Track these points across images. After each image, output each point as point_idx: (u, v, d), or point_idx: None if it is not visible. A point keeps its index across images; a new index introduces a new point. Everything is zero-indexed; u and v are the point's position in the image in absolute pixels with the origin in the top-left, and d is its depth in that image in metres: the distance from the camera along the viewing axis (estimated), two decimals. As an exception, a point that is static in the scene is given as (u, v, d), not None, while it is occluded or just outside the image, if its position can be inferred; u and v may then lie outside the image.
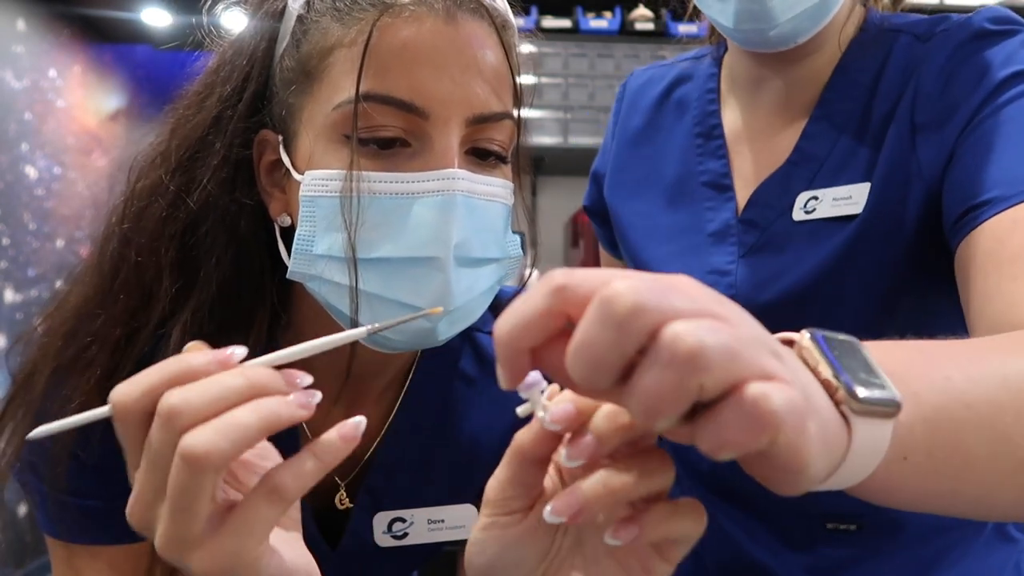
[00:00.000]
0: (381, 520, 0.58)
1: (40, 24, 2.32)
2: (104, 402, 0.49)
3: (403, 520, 0.58)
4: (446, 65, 0.46)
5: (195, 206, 0.50)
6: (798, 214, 0.66)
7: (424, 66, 0.45)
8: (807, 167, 0.67)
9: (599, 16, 2.14)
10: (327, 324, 0.51)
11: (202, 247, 0.50)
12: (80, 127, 2.56)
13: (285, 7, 0.51)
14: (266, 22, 0.51)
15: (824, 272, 0.64)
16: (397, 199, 0.45)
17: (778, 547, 0.70)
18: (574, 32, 2.13)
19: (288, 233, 0.49)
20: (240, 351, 0.35)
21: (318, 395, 0.35)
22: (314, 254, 0.47)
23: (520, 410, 0.34)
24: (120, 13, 2.47)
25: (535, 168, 2.25)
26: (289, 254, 0.49)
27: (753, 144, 0.72)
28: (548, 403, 0.33)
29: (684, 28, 2.11)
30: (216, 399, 0.32)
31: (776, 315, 0.56)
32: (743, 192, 0.71)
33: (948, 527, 0.68)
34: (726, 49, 0.77)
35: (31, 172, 2.26)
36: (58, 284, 0.57)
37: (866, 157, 0.65)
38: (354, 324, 0.47)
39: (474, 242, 0.47)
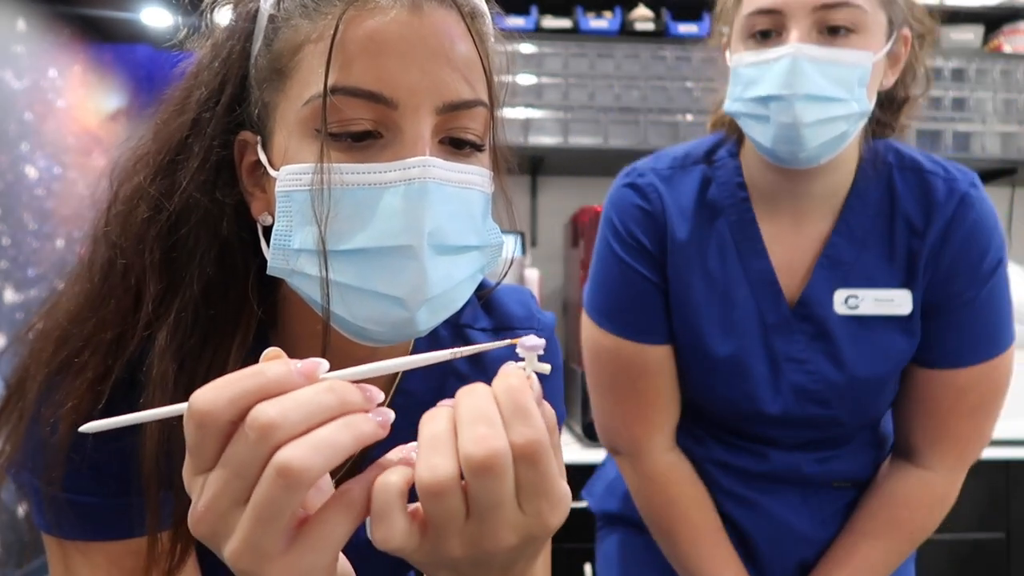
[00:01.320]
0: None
1: (40, 24, 2.32)
2: (96, 404, 0.50)
3: None
4: (413, 54, 0.46)
5: (176, 208, 0.50)
6: (840, 308, 0.87)
7: (390, 56, 0.45)
8: (837, 270, 0.87)
9: (599, 16, 2.14)
10: (315, 320, 0.51)
11: (184, 248, 0.50)
12: (80, 127, 2.56)
13: (258, 8, 0.51)
14: (240, 23, 0.52)
15: (898, 357, 0.88)
16: (369, 189, 0.46)
17: (802, 508, 0.95)
18: (574, 32, 2.12)
19: (271, 232, 0.49)
20: (325, 364, 0.35)
21: (392, 413, 0.36)
22: (291, 249, 0.47)
23: (517, 365, 0.38)
24: (120, 13, 2.47)
25: (535, 168, 2.25)
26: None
27: (779, 245, 0.90)
28: (540, 364, 0.37)
29: (684, 28, 2.11)
30: (311, 415, 0.33)
31: (859, 392, 0.88)
32: (785, 286, 0.90)
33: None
34: (738, 148, 0.94)
35: (31, 172, 2.26)
36: (60, 285, 0.57)
37: (897, 267, 0.87)
38: (327, 316, 0.48)
39: (449, 229, 0.47)
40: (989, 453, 1.75)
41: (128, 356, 0.51)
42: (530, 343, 0.37)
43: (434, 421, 0.36)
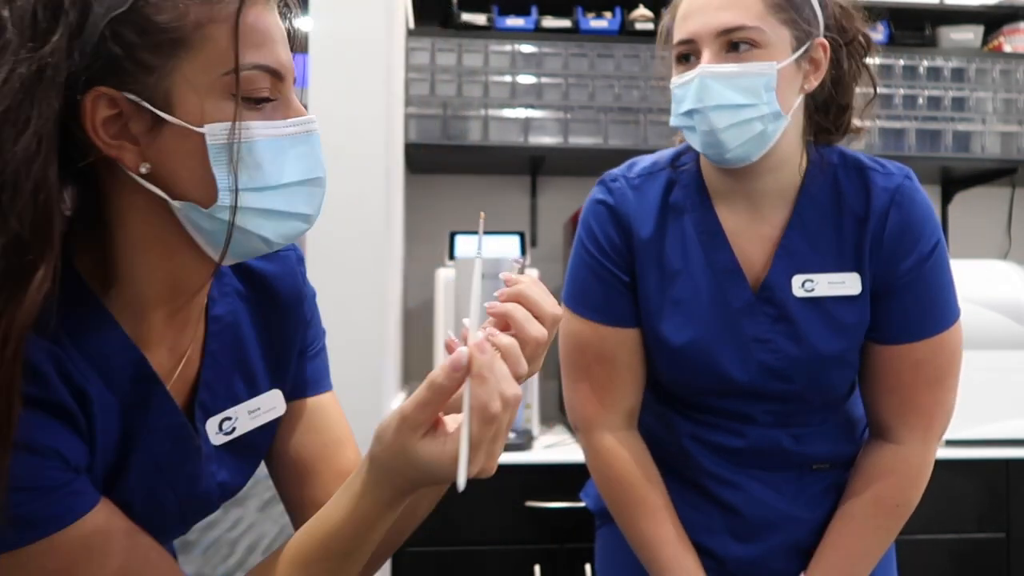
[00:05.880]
0: (212, 424, 0.71)
1: (40, 24, 2.32)
2: None
3: (229, 418, 0.72)
4: (283, 39, 0.63)
5: None
6: (798, 291, 1.00)
7: (277, 41, 0.62)
8: (793, 258, 1.00)
9: (599, 16, 2.14)
10: (165, 266, 0.63)
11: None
12: (80, 127, 2.56)
13: None
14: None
15: (851, 333, 1.00)
16: (281, 140, 0.61)
17: (786, 489, 1.05)
18: (574, 32, 2.12)
19: (151, 180, 0.58)
20: (465, 350, 0.56)
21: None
22: (233, 191, 0.60)
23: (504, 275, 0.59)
24: (120, 13, 2.47)
25: (535, 168, 2.25)
26: (169, 197, 0.58)
27: (739, 238, 1.03)
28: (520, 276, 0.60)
29: (684, 28, 2.12)
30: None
31: (819, 366, 1.00)
32: (746, 274, 1.02)
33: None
34: (699, 154, 1.05)
35: (31, 172, 2.26)
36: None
37: (845, 253, 1.00)
38: (229, 236, 0.60)
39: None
40: (989, 453, 1.75)
41: None
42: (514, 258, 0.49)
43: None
